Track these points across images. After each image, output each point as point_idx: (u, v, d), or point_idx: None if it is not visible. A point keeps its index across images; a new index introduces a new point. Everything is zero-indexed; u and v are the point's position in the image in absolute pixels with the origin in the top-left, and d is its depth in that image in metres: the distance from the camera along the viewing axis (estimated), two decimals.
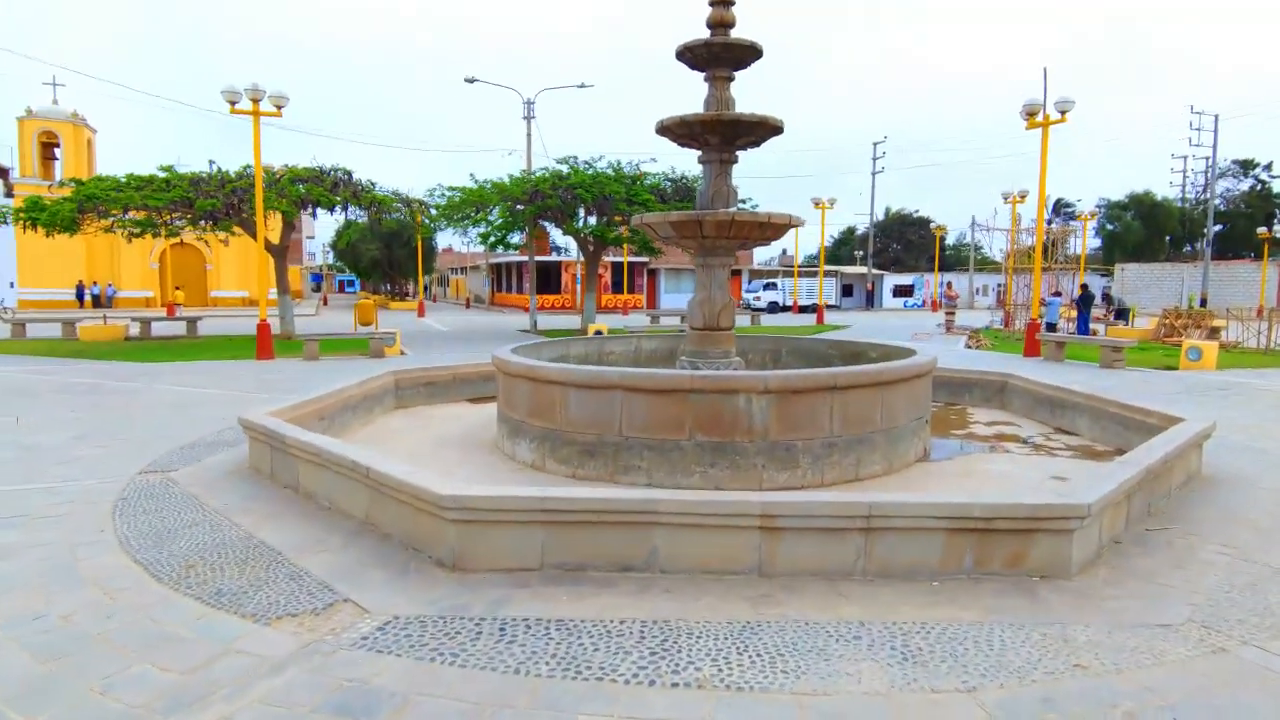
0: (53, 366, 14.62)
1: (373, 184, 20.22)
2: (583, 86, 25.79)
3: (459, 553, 4.24)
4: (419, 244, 40.81)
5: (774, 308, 44.87)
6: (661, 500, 4.10)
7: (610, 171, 22.43)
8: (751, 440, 5.89)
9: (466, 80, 25.08)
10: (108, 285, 48.47)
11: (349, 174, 19.81)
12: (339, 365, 14.48)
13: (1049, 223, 47.77)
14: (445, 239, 63.37)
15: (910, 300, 56.05)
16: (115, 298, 48.38)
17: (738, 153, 7.83)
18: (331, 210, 19.88)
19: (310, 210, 19.92)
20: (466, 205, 21.89)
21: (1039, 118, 15.33)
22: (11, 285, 47.04)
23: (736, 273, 57.42)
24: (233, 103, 14.79)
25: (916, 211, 76.15)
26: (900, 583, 4.04)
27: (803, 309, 43.86)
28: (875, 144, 54.21)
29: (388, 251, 52.65)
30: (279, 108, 15.20)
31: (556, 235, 34.95)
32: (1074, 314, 23.54)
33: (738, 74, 7.58)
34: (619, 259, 51.25)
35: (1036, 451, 7.23)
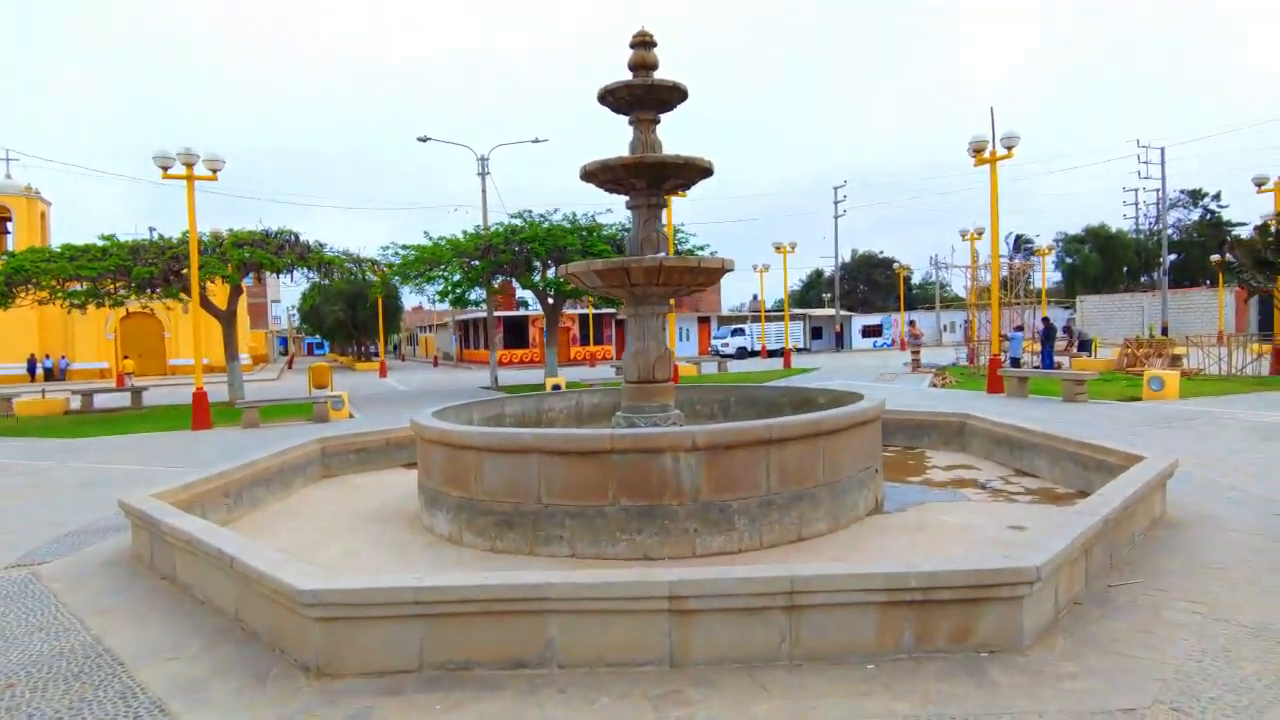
0: None
1: (321, 245, 19.77)
2: (537, 141, 25.73)
3: (325, 656, 3.65)
4: (379, 304, 40.21)
5: (742, 353, 44.72)
6: (555, 585, 3.56)
7: (566, 224, 22.22)
8: (681, 502, 5.39)
9: (419, 139, 24.93)
10: (60, 358, 47.12)
11: (295, 235, 19.36)
12: (277, 433, 13.79)
13: (1010, 258, 48.54)
14: (413, 297, 63.11)
15: (879, 340, 56.26)
16: (69, 370, 47.01)
17: (667, 196, 7.52)
18: (279, 273, 19.36)
19: (257, 274, 19.36)
20: (420, 263, 21.49)
21: (986, 154, 15.34)
22: None
23: (705, 320, 57.47)
24: (165, 168, 14.34)
25: (881, 252, 77.32)
26: (831, 668, 3.52)
27: (771, 353, 43.73)
28: (836, 188, 55.13)
29: (351, 312, 51.98)
30: (214, 171, 14.77)
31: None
32: (1038, 348, 23.49)
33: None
34: (586, 310, 51.09)
35: (994, 497, 6.79)
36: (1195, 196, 58.70)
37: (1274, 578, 4.48)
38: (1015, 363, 21.81)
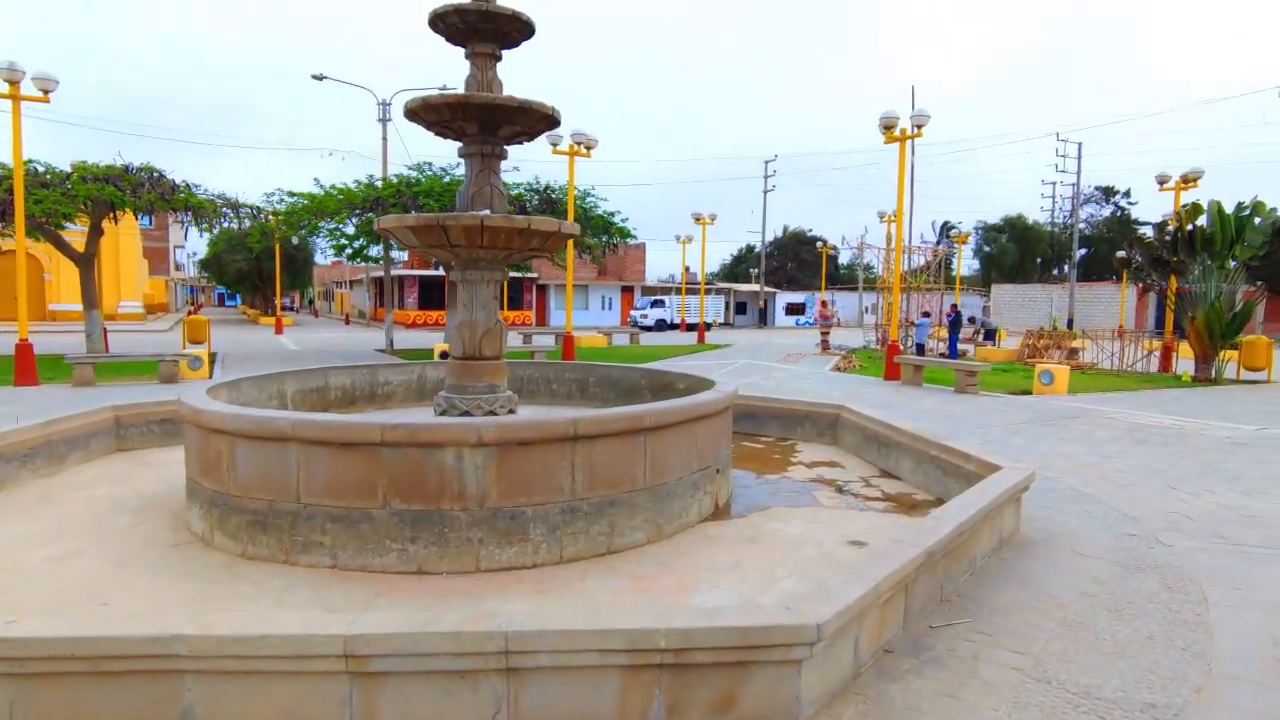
0: None
1: (189, 185, 17.94)
2: (444, 89, 24.11)
3: None
4: (277, 255, 37.91)
5: (662, 325, 44.12)
6: (188, 638, 2.66)
7: None
8: (465, 507, 4.54)
9: (314, 77, 23.03)
10: None
11: (157, 173, 17.48)
12: (107, 393, 12.33)
13: (936, 244, 49.19)
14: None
15: (802, 318, 56.50)
16: None
17: (507, 146, 6.56)
18: (139, 215, 17.49)
19: (111, 215, 17.44)
20: (305, 213, 19.86)
21: (896, 132, 14.82)
22: None
23: (629, 289, 56.59)
24: None
25: (811, 230, 77.59)
26: None
27: (691, 327, 43.22)
28: (766, 162, 54.64)
29: (257, 263, 48.99)
30: (46, 92, 12.97)
31: None
32: (945, 334, 23.50)
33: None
34: (516, 275, 49.52)
35: (847, 503, 6.17)
36: (1108, 193, 60.62)
37: (1111, 620, 3.93)
38: (920, 349, 21.73)
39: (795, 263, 78.16)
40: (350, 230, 21.61)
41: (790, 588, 4.31)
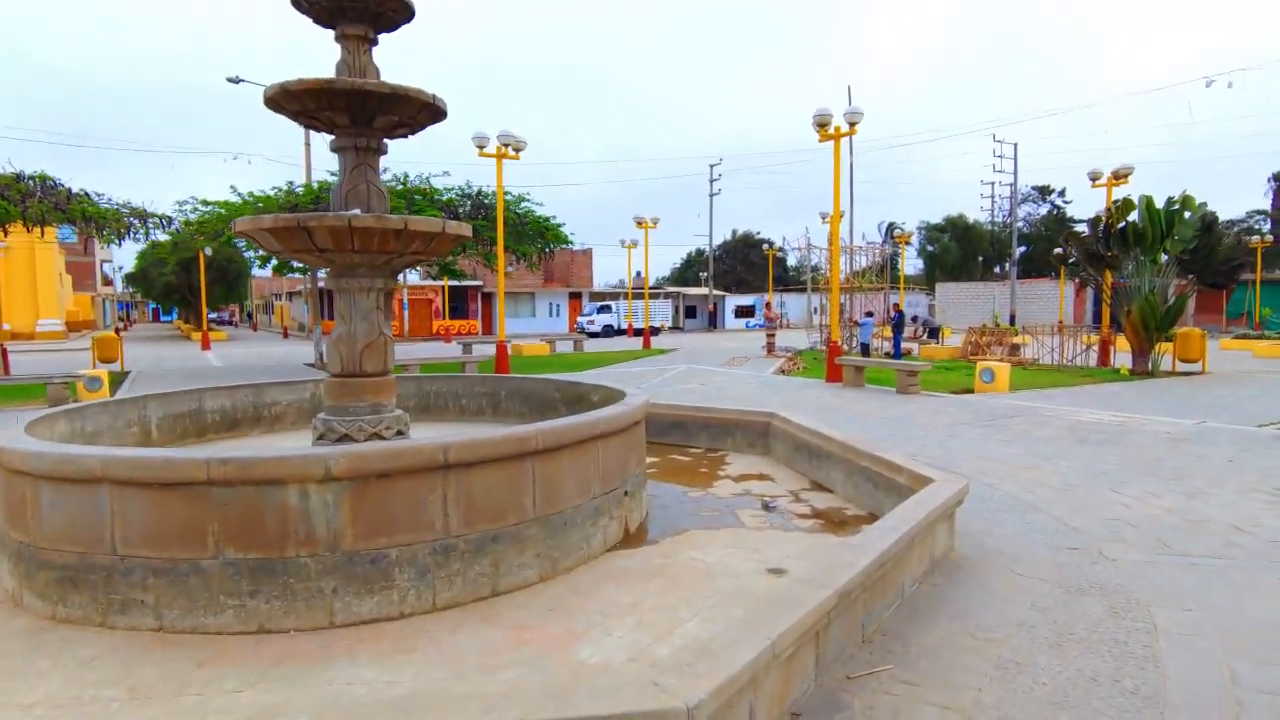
0: None
1: (87, 194, 16.71)
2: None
3: None
4: (201, 267, 36.31)
5: (609, 331, 43.56)
6: None
7: (397, 185, 20.03)
8: (314, 553, 3.86)
9: (230, 80, 21.89)
10: None
11: (51, 182, 16.23)
12: None
13: (881, 245, 49.47)
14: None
15: (752, 321, 56.48)
16: None
17: (388, 140, 5.90)
18: (29, 227, 16.21)
19: (1, 228, 16.13)
20: (220, 222, 18.76)
21: (830, 130, 14.49)
22: None
23: (577, 295, 55.90)
24: None
25: (759, 233, 77.88)
26: None
27: (639, 332, 42.68)
28: (712, 165, 54.61)
29: (186, 276, 46.96)
30: None
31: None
32: (890, 334, 23.38)
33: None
34: (462, 284, 48.46)
35: (770, 523, 5.64)
36: (1044, 191, 62.07)
37: (1051, 658, 3.44)
38: (865, 350, 21.53)
39: (744, 265, 78.41)
40: None
41: (693, 632, 3.74)
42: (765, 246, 48.61)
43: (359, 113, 5.42)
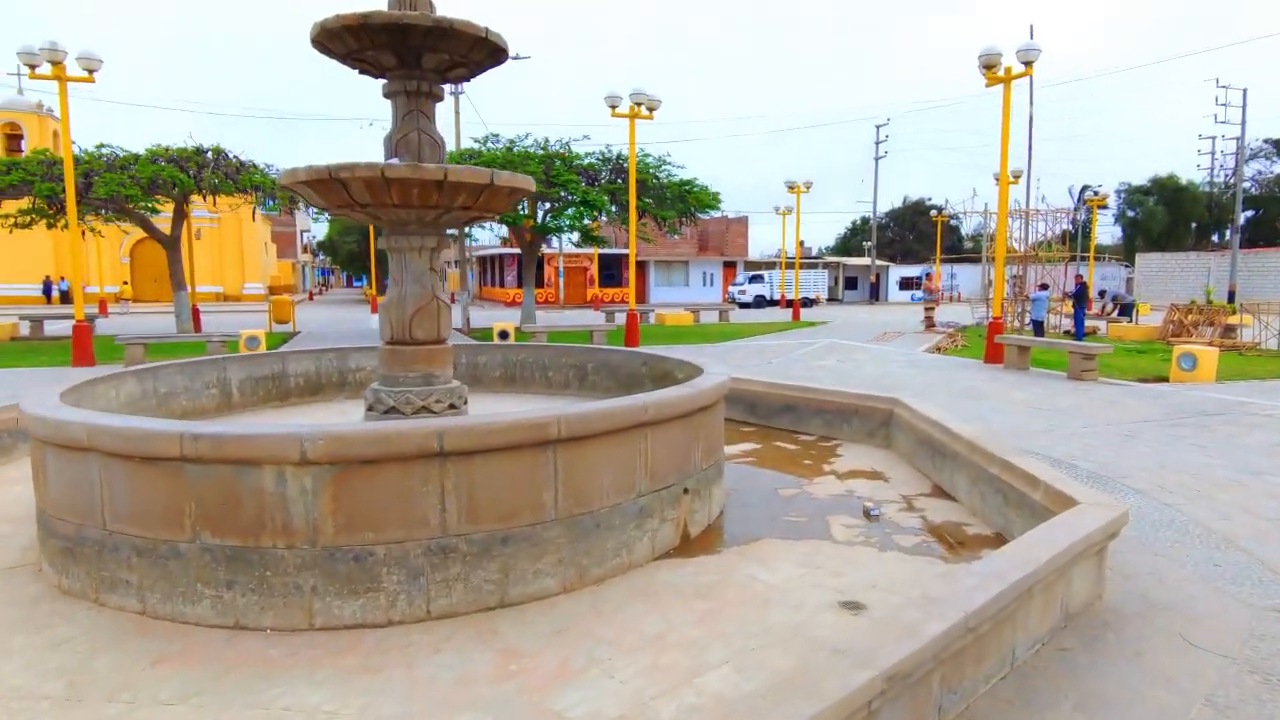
0: None
1: (255, 165, 17.85)
2: (518, 58, 23.25)
3: None
4: (371, 234, 38.62)
5: (761, 302, 42.12)
6: None
7: (537, 150, 19.93)
8: (291, 545, 3.40)
9: None
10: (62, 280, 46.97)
11: (223, 154, 17.46)
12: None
13: (1075, 210, 44.34)
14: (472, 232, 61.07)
15: (917, 293, 52.75)
16: (84, 293, 47.02)
17: (446, 86, 5.35)
18: (204, 195, 17.56)
19: (180, 195, 17.58)
20: None
21: (999, 71, 12.54)
22: None
23: (731, 265, 54.60)
24: (32, 66, 12.51)
25: (931, 199, 72.56)
26: None
27: (806, 302, 40.74)
28: (878, 126, 51.12)
29: (366, 244, 50.48)
30: (90, 71, 12.88)
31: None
32: (1070, 310, 20.62)
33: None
34: (615, 251, 48.72)
35: (868, 536, 4.63)
36: (1279, 146, 52.97)
37: None
38: (1038, 327, 19.09)
39: (914, 234, 73.59)
40: None
41: (713, 687, 2.93)
42: (934, 213, 44.79)
43: (404, 51, 4.89)
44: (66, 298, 46.51)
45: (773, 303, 41.90)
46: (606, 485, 3.96)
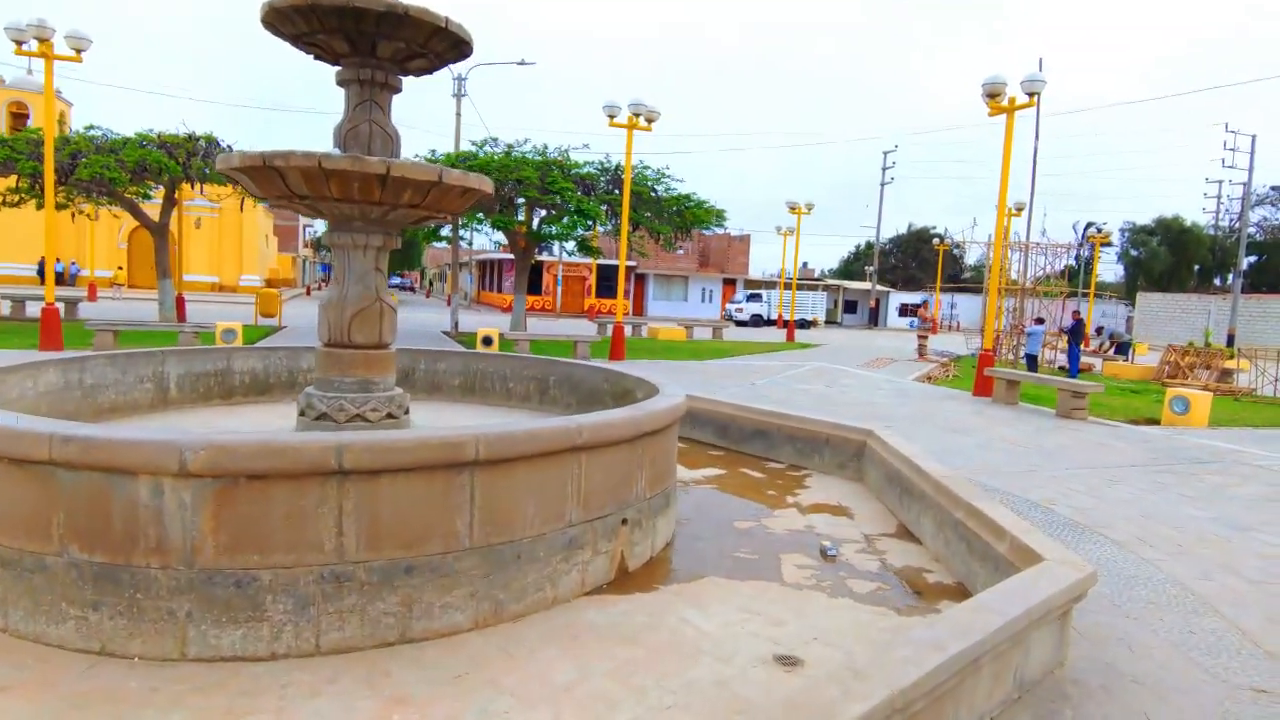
0: None
1: None
2: (523, 64, 23.05)
3: None
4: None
5: (758, 321, 41.84)
6: None
7: (534, 156, 19.68)
8: (166, 565, 3.07)
9: None
10: (71, 263, 46.75)
11: (214, 142, 17.21)
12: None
13: (1079, 247, 44.10)
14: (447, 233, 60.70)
15: (915, 320, 52.52)
16: (78, 276, 46.82)
17: (402, 77, 5.05)
18: (192, 184, 17.29)
19: (164, 181, 17.30)
20: None
21: (1003, 101, 12.29)
22: None
23: (731, 282, 54.37)
24: (18, 42, 12.26)
25: (936, 228, 72.41)
26: None
27: (798, 324, 40.43)
28: (886, 153, 51.00)
29: None
30: (78, 51, 12.63)
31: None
32: (1065, 346, 20.32)
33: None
34: (614, 262, 48.40)
35: (820, 578, 4.30)
36: None
37: None
38: (1032, 362, 18.79)
39: (917, 262, 73.45)
40: None
41: None
42: (935, 241, 44.53)
43: (356, 37, 4.60)
44: (60, 279, 46.32)
45: (770, 322, 41.64)
46: (531, 513, 3.64)
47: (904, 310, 53.91)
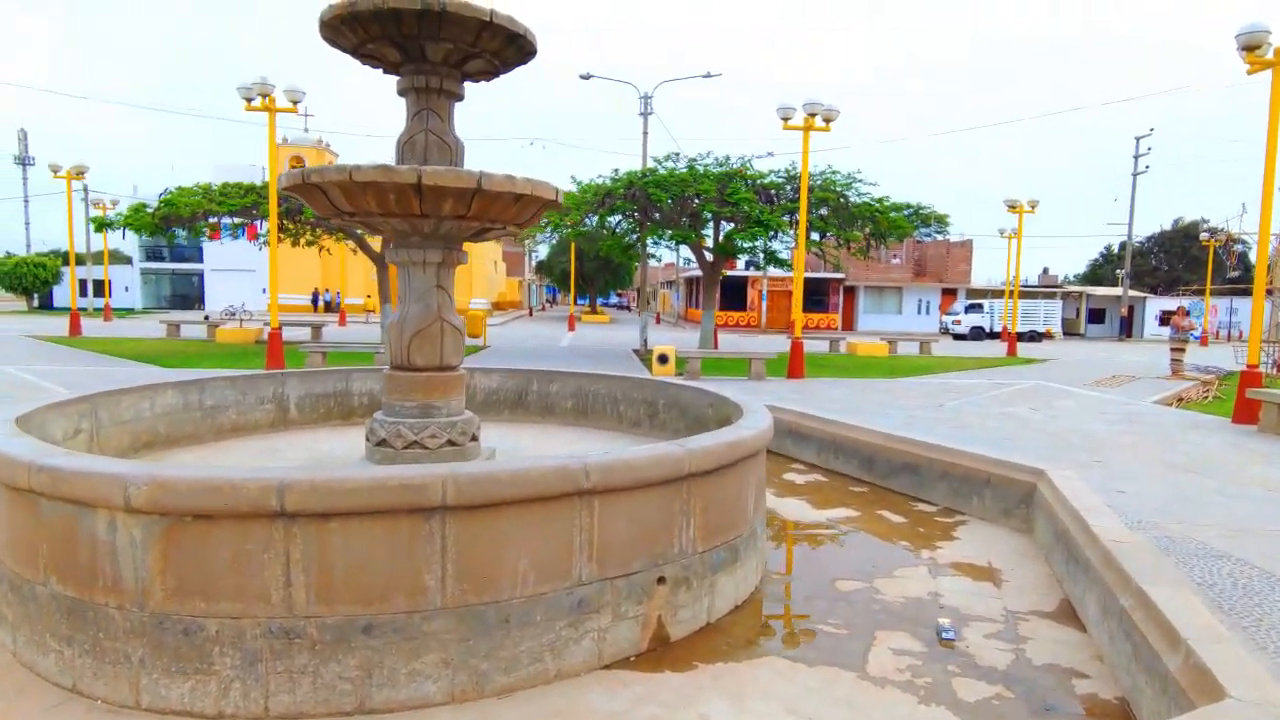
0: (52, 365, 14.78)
1: None
2: (709, 76, 22.71)
3: None
4: (571, 255, 39.93)
5: (978, 334, 37.97)
6: None
7: (715, 169, 19.22)
8: (122, 605, 2.90)
9: (581, 77, 23.17)
10: (335, 292, 53.68)
11: None
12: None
13: None
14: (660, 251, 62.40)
15: (1171, 329, 44.95)
16: (342, 304, 53.66)
17: (465, 82, 4.76)
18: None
19: None
20: (575, 212, 19.82)
21: (1268, 53, 9.76)
22: (264, 291, 54.00)
23: (951, 292, 50.08)
24: (248, 99, 14.01)
25: (1209, 221, 61.88)
26: None
27: (1023, 336, 36.19)
28: (1139, 138, 44.43)
29: (579, 264, 52.68)
30: (295, 102, 14.19)
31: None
32: None
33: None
34: (820, 275, 46.70)
35: (917, 674, 3.29)
36: None
37: None
38: None
39: (1184, 262, 63.32)
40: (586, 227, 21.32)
41: None
42: (1204, 236, 37.69)
43: (403, 42, 4.37)
44: (329, 306, 53.40)
45: (993, 335, 37.63)
46: (523, 569, 3.07)
47: (1164, 319, 46.40)
